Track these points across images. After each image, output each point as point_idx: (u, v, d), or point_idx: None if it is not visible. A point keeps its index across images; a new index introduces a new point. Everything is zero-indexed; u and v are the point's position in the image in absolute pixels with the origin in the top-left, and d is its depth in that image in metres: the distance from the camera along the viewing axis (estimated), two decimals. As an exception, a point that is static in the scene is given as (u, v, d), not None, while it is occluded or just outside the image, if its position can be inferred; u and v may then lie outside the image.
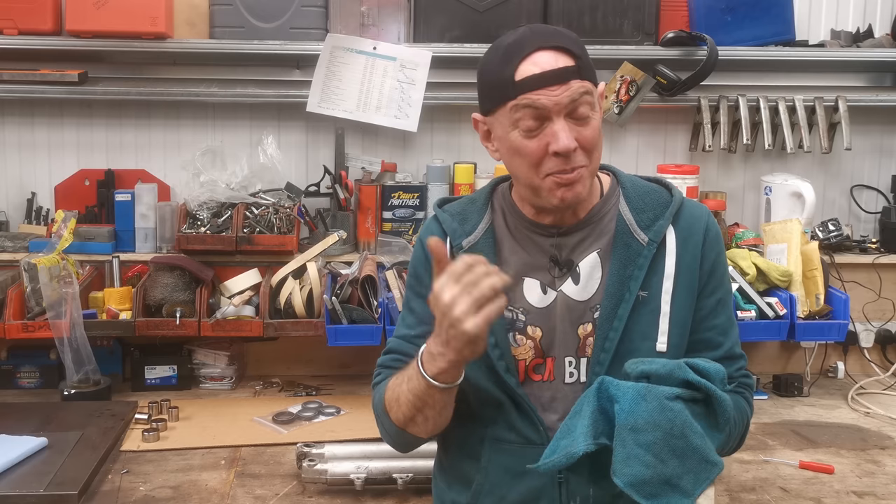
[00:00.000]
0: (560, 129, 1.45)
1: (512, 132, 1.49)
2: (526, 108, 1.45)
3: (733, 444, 1.61)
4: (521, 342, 1.58)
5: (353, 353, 2.87)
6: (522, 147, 1.48)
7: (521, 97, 1.45)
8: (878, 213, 3.23)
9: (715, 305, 1.59)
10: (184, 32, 2.97)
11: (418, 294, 1.66)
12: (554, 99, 1.45)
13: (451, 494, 1.65)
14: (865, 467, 2.30)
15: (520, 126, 1.47)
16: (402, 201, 3.01)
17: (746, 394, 1.62)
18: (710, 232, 1.59)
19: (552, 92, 1.44)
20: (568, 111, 1.46)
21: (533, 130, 1.47)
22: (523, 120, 1.46)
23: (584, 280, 1.57)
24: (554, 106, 1.45)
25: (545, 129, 1.46)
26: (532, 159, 1.48)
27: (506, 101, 1.47)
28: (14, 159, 3.07)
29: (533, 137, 1.47)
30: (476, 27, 2.94)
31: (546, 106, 1.45)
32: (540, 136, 1.47)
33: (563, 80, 1.45)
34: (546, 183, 1.50)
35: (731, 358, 1.60)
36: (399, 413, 1.53)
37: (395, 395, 1.53)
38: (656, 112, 3.17)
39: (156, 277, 2.78)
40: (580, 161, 1.48)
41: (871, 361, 3.09)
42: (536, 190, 1.52)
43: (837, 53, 3.09)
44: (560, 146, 1.45)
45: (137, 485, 2.12)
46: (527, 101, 1.45)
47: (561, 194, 1.50)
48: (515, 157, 1.51)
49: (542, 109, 1.45)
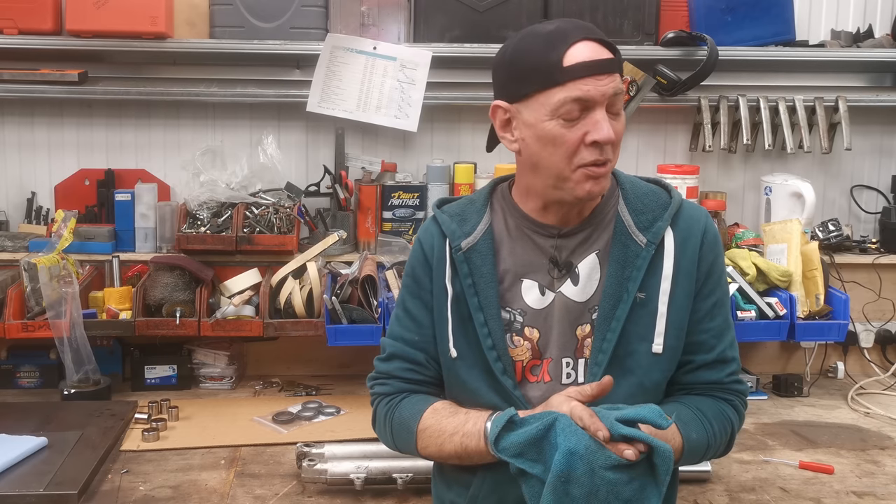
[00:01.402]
0: (602, 119, 1.46)
1: (549, 120, 1.47)
2: (572, 94, 1.45)
3: (716, 453, 1.61)
4: (518, 343, 1.58)
5: (353, 353, 2.87)
6: (559, 135, 1.47)
7: (570, 83, 1.45)
8: (878, 213, 3.23)
9: (711, 308, 1.58)
10: (184, 32, 2.97)
11: (416, 296, 1.66)
12: (601, 89, 1.45)
13: (450, 495, 1.65)
14: (865, 467, 2.29)
15: (561, 113, 1.46)
16: (402, 201, 3.01)
17: (735, 401, 1.61)
18: (709, 234, 1.59)
19: (600, 81, 1.45)
20: (608, 103, 1.47)
21: (574, 119, 1.46)
22: (566, 106, 1.45)
23: (584, 281, 1.57)
24: (601, 96, 1.46)
25: (585, 118, 1.46)
26: (568, 148, 1.48)
27: (550, 87, 1.46)
28: (14, 159, 3.07)
29: (572, 126, 1.47)
30: (476, 27, 2.94)
31: (593, 95, 1.45)
32: (579, 126, 1.47)
33: (609, 70, 1.46)
34: (576, 174, 1.49)
35: (722, 362, 1.59)
36: (436, 454, 1.59)
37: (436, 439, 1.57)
38: (656, 112, 3.17)
39: (156, 277, 2.78)
40: (610, 154, 1.50)
41: (870, 362, 3.09)
42: (563, 181, 1.51)
43: (837, 53, 3.09)
44: (602, 135, 1.45)
45: (137, 484, 2.12)
46: (575, 89, 1.45)
47: (589, 187, 1.50)
48: (548, 146, 1.49)
49: (588, 99, 1.45)
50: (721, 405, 1.59)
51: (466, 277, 1.58)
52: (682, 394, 1.61)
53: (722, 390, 1.60)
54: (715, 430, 1.56)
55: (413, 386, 1.66)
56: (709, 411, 1.57)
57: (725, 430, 1.59)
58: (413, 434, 1.59)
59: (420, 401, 1.63)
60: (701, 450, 1.56)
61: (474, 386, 1.59)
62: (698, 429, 1.54)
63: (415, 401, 1.63)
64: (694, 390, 1.60)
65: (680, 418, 1.53)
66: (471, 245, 1.60)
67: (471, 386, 1.59)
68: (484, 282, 1.58)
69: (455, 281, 1.60)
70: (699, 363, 1.59)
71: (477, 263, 1.59)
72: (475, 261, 1.59)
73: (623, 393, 1.53)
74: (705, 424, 1.55)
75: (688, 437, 1.52)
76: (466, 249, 1.60)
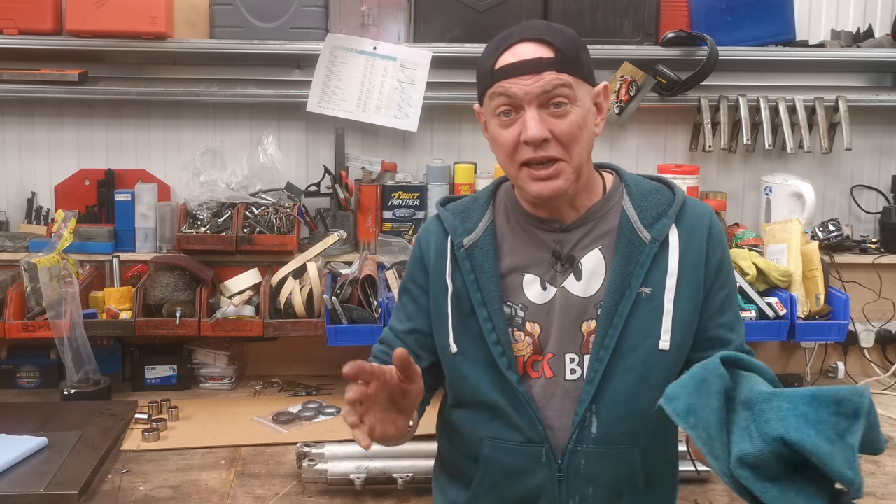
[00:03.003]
0: (530, 119, 1.48)
1: (492, 120, 1.54)
2: (500, 95, 1.50)
3: None
4: (519, 338, 1.58)
5: (354, 353, 2.80)
6: (498, 135, 1.53)
7: (497, 85, 1.50)
8: (878, 213, 3.23)
9: (723, 302, 1.60)
10: (184, 32, 2.97)
11: (408, 290, 1.71)
12: (525, 88, 1.48)
13: (450, 494, 1.65)
14: (865, 467, 2.29)
15: (497, 114, 1.52)
16: (402, 201, 3.01)
17: None
18: (714, 230, 1.59)
19: (524, 81, 1.48)
20: (541, 102, 1.48)
21: (507, 118, 1.51)
22: (499, 108, 1.51)
23: (587, 277, 1.57)
24: (524, 95, 1.48)
25: (519, 118, 1.50)
26: (506, 148, 1.52)
27: (486, 90, 1.53)
28: (14, 159, 3.07)
29: (508, 126, 1.51)
30: (476, 27, 2.94)
31: (516, 94, 1.48)
32: (515, 125, 1.50)
33: (536, 70, 1.48)
34: (522, 174, 1.53)
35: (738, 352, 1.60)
36: None
37: None
38: (656, 112, 3.17)
39: (156, 277, 2.78)
40: (554, 152, 1.50)
41: (871, 361, 3.09)
42: (515, 179, 1.56)
43: (837, 53, 3.09)
44: (528, 135, 1.48)
45: (137, 484, 2.12)
46: (500, 90, 1.49)
47: (538, 189, 1.52)
48: (495, 147, 1.56)
49: (513, 98, 1.49)
50: None
51: (469, 273, 1.59)
52: None
53: None
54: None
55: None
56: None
57: None
58: None
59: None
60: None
61: (475, 381, 1.59)
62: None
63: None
64: None
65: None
66: (473, 242, 1.61)
67: (472, 381, 1.59)
68: (486, 277, 1.58)
69: (456, 277, 1.61)
70: None
71: (479, 259, 1.60)
72: (477, 257, 1.60)
73: (626, 389, 1.53)
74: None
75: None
76: (469, 246, 1.61)
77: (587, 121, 1.52)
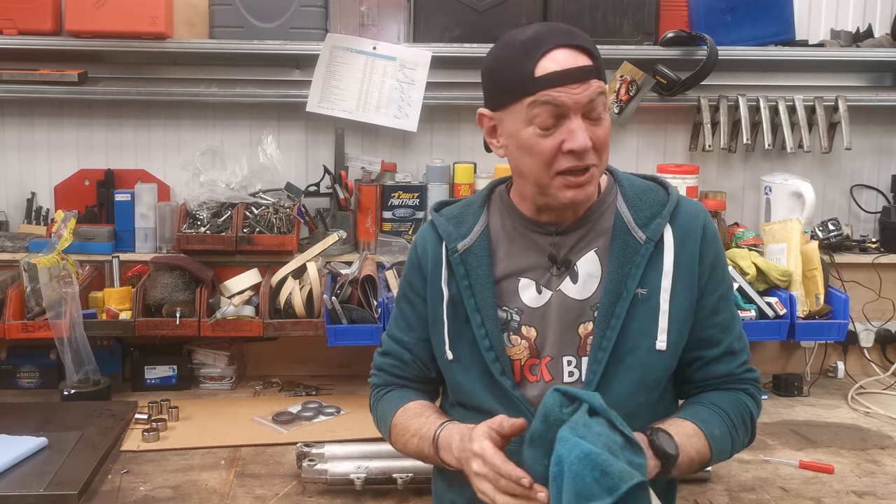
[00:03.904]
0: (577, 128, 1.46)
1: (526, 129, 1.48)
2: (545, 104, 1.45)
3: (742, 443, 1.62)
4: (515, 342, 1.58)
5: (353, 353, 2.87)
6: (536, 144, 1.48)
7: (542, 93, 1.44)
8: (877, 212, 3.23)
9: (717, 302, 1.59)
10: (183, 32, 2.97)
11: (408, 299, 1.70)
12: (574, 97, 1.45)
13: (450, 495, 1.65)
14: (865, 467, 2.29)
15: (536, 123, 1.46)
16: (401, 201, 3.01)
17: (750, 388, 1.62)
18: (708, 230, 1.59)
19: (573, 90, 1.44)
20: (585, 111, 1.47)
21: (549, 128, 1.46)
22: (540, 117, 1.46)
23: (583, 279, 1.57)
24: (574, 104, 1.45)
25: (561, 126, 1.46)
26: (545, 157, 1.48)
27: (523, 97, 1.46)
28: (14, 159, 3.07)
29: (548, 135, 1.47)
30: (476, 27, 2.94)
31: (566, 104, 1.45)
32: (555, 134, 1.47)
33: (583, 78, 1.45)
34: (556, 182, 1.50)
35: (731, 353, 1.60)
36: (402, 450, 1.66)
37: (402, 437, 1.64)
38: (656, 112, 3.17)
39: (156, 277, 2.78)
40: (591, 160, 1.49)
41: (870, 361, 3.09)
42: (545, 188, 1.52)
43: (837, 53, 3.09)
44: (577, 145, 1.45)
45: (137, 485, 2.12)
46: (547, 98, 1.44)
47: (571, 195, 1.50)
48: (526, 155, 1.50)
49: (561, 107, 1.45)
50: (736, 395, 1.60)
51: (463, 279, 1.59)
52: (696, 392, 1.62)
53: (735, 381, 1.61)
54: (734, 421, 1.57)
55: (399, 380, 1.72)
56: (724, 403, 1.58)
57: (744, 418, 1.59)
58: (388, 428, 1.68)
59: (399, 397, 1.69)
60: (727, 444, 1.56)
61: (470, 388, 1.59)
62: (719, 424, 1.54)
63: (395, 396, 1.70)
64: (708, 386, 1.61)
65: (698, 417, 1.54)
66: (467, 247, 1.61)
67: (468, 387, 1.60)
68: (480, 283, 1.58)
69: (451, 283, 1.61)
70: (709, 358, 1.60)
71: (473, 265, 1.59)
72: (471, 262, 1.59)
73: (624, 390, 1.53)
74: (724, 418, 1.56)
75: (711, 434, 1.52)
76: (463, 251, 1.60)
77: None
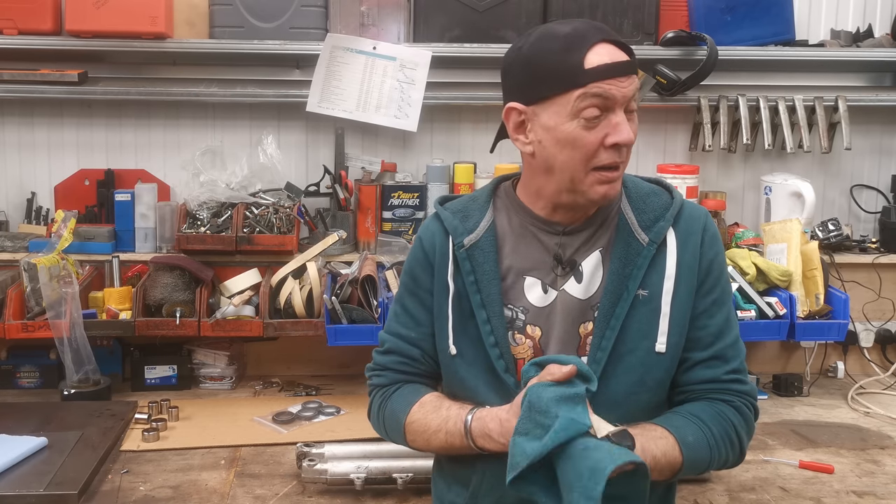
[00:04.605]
0: (622, 122, 1.47)
1: (569, 122, 1.47)
2: (596, 96, 1.45)
3: (724, 459, 1.56)
4: (520, 341, 1.58)
5: (353, 353, 2.86)
6: (579, 137, 1.47)
7: (593, 85, 1.44)
8: (877, 212, 3.23)
9: (709, 306, 1.57)
10: (184, 32, 2.97)
11: (414, 294, 1.68)
12: (622, 90, 1.46)
13: (449, 495, 1.65)
14: (865, 467, 2.30)
15: (583, 115, 1.46)
16: (401, 201, 3.01)
17: (735, 401, 1.55)
18: (708, 232, 1.59)
19: (621, 83, 1.46)
20: (627, 105, 1.48)
21: (594, 120, 1.46)
22: (588, 109, 1.46)
23: (587, 279, 1.57)
24: (622, 97, 1.46)
25: (604, 119, 1.47)
26: (588, 150, 1.48)
27: (571, 89, 1.45)
28: (14, 159, 3.07)
29: (592, 128, 1.47)
30: (476, 27, 2.94)
31: (614, 96, 1.46)
32: (599, 128, 1.47)
33: (630, 72, 1.47)
34: (590, 178, 1.50)
35: (719, 359, 1.56)
36: (425, 447, 1.62)
37: (422, 434, 1.60)
38: (656, 112, 3.17)
39: (156, 277, 2.78)
40: (625, 156, 1.51)
41: (870, 361, 3.09)
42: (577, 184, 1.51)
43: (837, 53, 3.09)
44: (623, 137, 1.46)
45: (137, 485, 2.12)
46: (598, 90, 1.45)
47: (604, 191, 1.51)
48: (567, 149, 1.49)
49: (610, 100, 1.46)
50: (718, 406, 1.55)
51: (469, 274, 1.59)
52: (680, 398, 1.59)
53: (720, 391, 1.56)
54: (714, 432, 1.51)
55: (407, 377, 1.69)
56: (703, 414, 1.53)
57: (727, 432, 1.53)
58: (401, 427, 1.63)
59: (410, 392, 1.65)
60: (702, 455, 1.51)
61: (472, 384, 1.59)
62: (694, 432, 1.50)
63: (406, 392, 1.66)
64: (692, 393, 1.57)
65: (671, 424, 1.51)
66: (473, 242, 1.60)
67: (469, 383, 1.59)
68: (486, 279, 1.58)
69: (457, 278, 1.60)
70: (695, 360, 1.56)
71: (479, 260, 1.59)
72: (478, 258, 1.59)
73: (623, 391, 1.53)
74: (700, 427, 1.51)
75: (683, 440, 1.48)
76: (469, 246, 1.60)
77: None
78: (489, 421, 1.50)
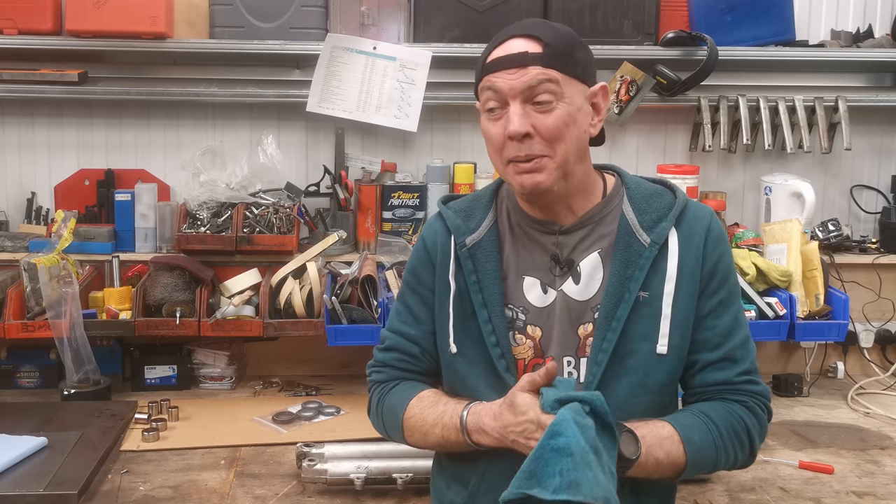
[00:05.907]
0: (514, 113, 1.49)
1: (483, 116, 1.55)
2: (488, 90, 1.51)
3: (733, 460, 1.56)
4: (520, 341, 1.58)
5: (353, 353, 2.86)
6: (487, 130, 1.54)
7: (485, 79, 1.51)
8: (877, 213, 3.23)
9: (716, 307, 1.57)
10: (184, 32, 2.97)
11: (415, 292, 1.68)
12: (509, 82, 1.48)
13: (449, 495, 1.65)
14: (865, 467, 2.30)
15: (486, 107, 1.53)
16: (401, 201, 3.01)
17: (749, 401, 1.55)
18: (712, 233, 1.58)
19: (509, 75, 1.48)
20: (525, 97, 1.48)
21: (493, 112, 1.52)
22: (487, 102, 1.52)
23: (586, 280, 1.57)
24: (509, 90, 1.48)
25: (505, 113, 1.50)
26: (495, 143, 1.53)
27: (478, 84, 1.54)
28: (14, 159, 3.07)
29: (496, 121, 1.52)
30: (476, 27, 2.94)
31: (501, 89, 1.49)
32: (501, 121, 1.51)
33: (520, 63, 1.48)
34: (509, 169, 1.53)
35: (730, 360, 1.56)
36: (421, 442, 1.63)
37: (419, 429, 1.60)
38: (656, 112, 3.17)
39: (156, 277, 2.78)
40: (538, 149, 1.49)
41: (870, 361, 3.09)
42: (504, 175, 1.56)
43: (837, 53, 3.09)
44: (510, 129, 1.48)
45: (137, 485, 2.12)
46: (488, 83, 1.51)
47: (521, 180, 1.52)
48: (487, 143, 1.56)
49: (499, 92, 1.49)
50: (731, 406, 1.54)
51: (471, 274, 1.59)
52: (693, 400, 1.59)
53: (732, 391, 1.55)
54: (723, 432, 1.51)
55: (407, 374, 1.70)
56: (714, 413, 1.53)
57: (738, 432, 1.53)
58: (399, 422, 1.64)
59: (408, 388, 1.66)
60: (708, 454, 1.51)
61: (473, 382, 1.59)
62: (701, 431, 1.50)
63: (404, 388, 1.67)
64: (704, 395, 1.57)
65: (680, 422, 1.51)
66: (475, 241, 1.61)
67: (470, 382, 1.60)
68: (488, 278, 1.58)
69: (458, 277, 1.61)
70: (705, 362, 1.56)
71: (481, 260, 1.59)
72: (479, 257, 1.59)
73: (624, 392, 1.53)
74: (709, 426, 1.51)
75: (688, 439, 1.48)
76: (471, 246, 1.60)
77: (576, 119, 1.50)
78: (484, 415, 1.51)
